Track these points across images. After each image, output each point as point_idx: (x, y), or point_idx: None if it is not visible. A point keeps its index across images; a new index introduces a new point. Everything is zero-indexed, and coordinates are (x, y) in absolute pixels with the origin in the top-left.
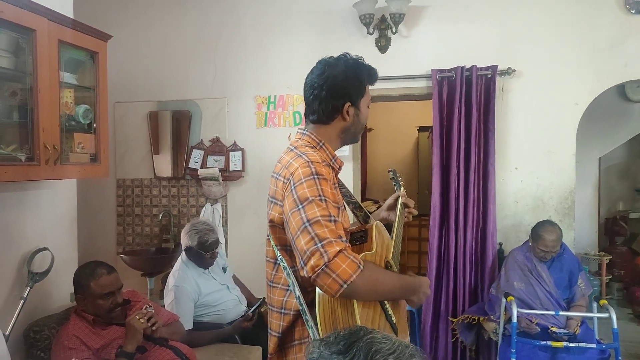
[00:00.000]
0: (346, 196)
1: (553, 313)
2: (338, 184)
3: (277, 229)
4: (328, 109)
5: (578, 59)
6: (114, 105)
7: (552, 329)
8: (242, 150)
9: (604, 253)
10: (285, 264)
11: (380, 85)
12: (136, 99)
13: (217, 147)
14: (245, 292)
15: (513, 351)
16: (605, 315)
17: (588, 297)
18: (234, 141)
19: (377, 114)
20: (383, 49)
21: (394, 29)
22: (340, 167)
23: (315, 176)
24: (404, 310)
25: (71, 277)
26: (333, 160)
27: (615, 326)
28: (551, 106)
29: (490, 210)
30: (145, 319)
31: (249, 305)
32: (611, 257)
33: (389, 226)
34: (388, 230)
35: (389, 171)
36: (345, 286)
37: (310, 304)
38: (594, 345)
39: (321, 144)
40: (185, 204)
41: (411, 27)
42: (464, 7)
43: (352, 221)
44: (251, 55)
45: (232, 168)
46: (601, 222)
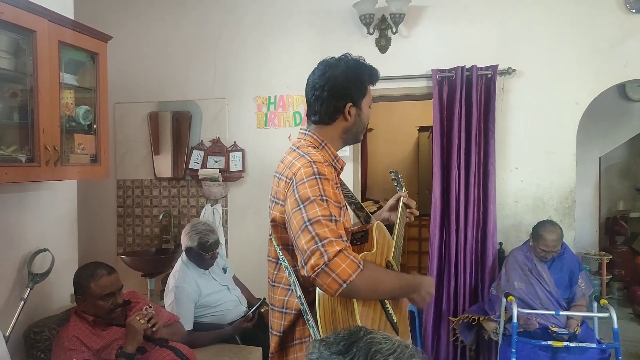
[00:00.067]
0: (348, 196)
1: (553, 313)
2: (340, 184)
3: (279, 228)
4: (330, 110)
5: (578, 58)
6: (114, 106)
7: (552, 329)
8: (242, 150)
9: (604, 253)
10: (286, 264)
11: (380, 85)
12: (136, 99)
13: (217, 148)
14: (245, 292)
15: (513, 351)
16: (606, 315)
17: (588, 297)
18: (234, 142)
19: (378, 114)
20: (383, 49)
21: (394, 29)
22: (342, 168)
23: (317, 176)
24: (405, 309)
25: (71, 278)
26: (335, 161)
27: (615, 326)
28: (551, 106)
29: (491, 210)
30: (146, 319)
31: (249, 306)
32: (611, 257)
33: (390, 227)
34: (389, 230)
35: (391, 172)
36: (345, 286)
37: (311, 304)
38: (594, 345)
39: (323, 144)
40: (185, 205)
41: (411, 27)
42: (464, 7)
43: (353, 221)
44: (251, 55)
45: (232, 168)
46: (601, 222)
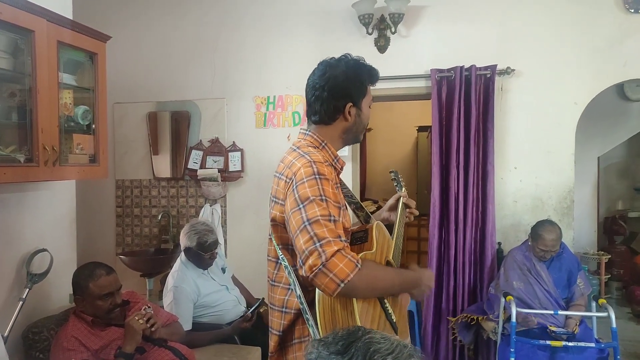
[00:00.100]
0: (348, 196)
1: (552, 312)
2: (340, 184)
3: (279, 227)
4: (330, 110)
5: (577, 58)
6: (113, 106)
7: (551, 328)
8: (241, 150)
9: (603, 252)
10: (286, 263)
11: (379, 85)
12: (135, 99)
13: (216, 148)
14: (244, 292)
15: (512, 350)
16: (604, 315)
17: (587, 297)
18: (233, 142)
19: (376, 114)
20: (382, 48)
21: (393, 29)
22: (342, 167)
23: (317, 176)
24: (404, 309)
25: (70, 278)
26: (335, 160)
27: (614, 325)
28: (550, 105)
29: (490, 210)
30: (144, 319)
31: (248, 306)
32: (610, 256)
33: (390, 226)
34: (389, 230)
35: (391, 172)
36: (343, 285)
37: (310, 303)
38: (593, 345)
39: (323, 144)
40: (184, 205)
41: (410, 27)
42: (463, 7)
43: (353, 221)
44: (250, 55)
45: (231, 168)
46: (600, 222)
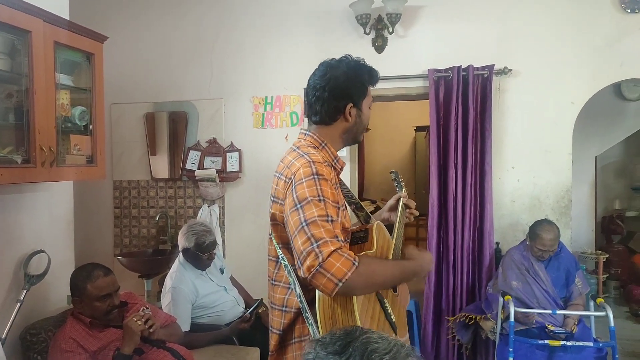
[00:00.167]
0: (348, 196)
1: (550, 312)
2: (340, 184)
3: (279, 227)
4: (330, 110)
5: (574, 58)
6: (110, 107)
7: (549, 328)
8: (239, 151)
9: (600, 251)
10: (286, 262)
11: (377, 85)
12: (132, 100)
13: (214, 148)
14: (242, 293)
15: (511, 350)
16: (602, 314)
17: (585, 296)
18: (231, 142)
19: (374, 114)
20: (380, 49)
21: (390, 29)
22: (342, 168)
23: (316, 176)
24: (403, 308)
25: (68, 280)
26: (335, 161)
27: (612, 324)
28: (547, 105)
29: (487, 210)
30: (143, 320)
31: (247, 307)
32: (608, 256)
33: (390, 227)
34: (389, 230)
35: (391, 172)
36: (341, 284)
37: (310, 302)
38: (591, 344)
39: (323, 144)
40: (182, 205)
41: (407, 27)
42: (460, 7)
43: (353, 221)
44: (248, 56)
45: (229, 169)
46: (598, 221)
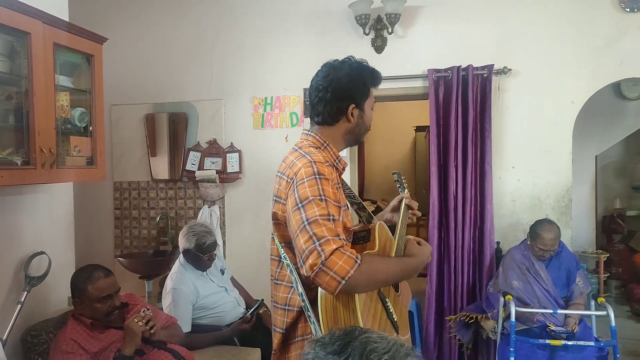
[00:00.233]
0: (350, 197)
1: (551, 311)
2: (342, 184)
3: (281, 226)
4: (333, 111)
5: (574, 57)
6: (110, 108)
7: (550, 327)
8: (239, 151)
9: (601, 251)
10: (288, 261)
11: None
12: (132, 101)
13: (214, 149)
14: (243, 293)
15: (512, 350)
16: (603, 313)
17: (586, 295)
18: (231, 143)
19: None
20: (379, 49)
21: (389, 29)
22: (344, 168)
23: (317, 176)
24: (405, 308)
25: (68, 281)
26: (337, 161)
27: (613, 324)
28: (547, 105)
29: (488, 210)
30: (144, 322)
31: (248, 307)
32: (609, 255)
33: (392, 227)
34: (391, 231)
35: (394, 173)
36: (344, 282)
37: (312, 301)
38: (592, 343)
39: (325, 145)
40: (182, 206)
41: (407, 27)
42: (459, 7)
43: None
44: (248, 56)
45: (229, 170)
46: (598, 220)
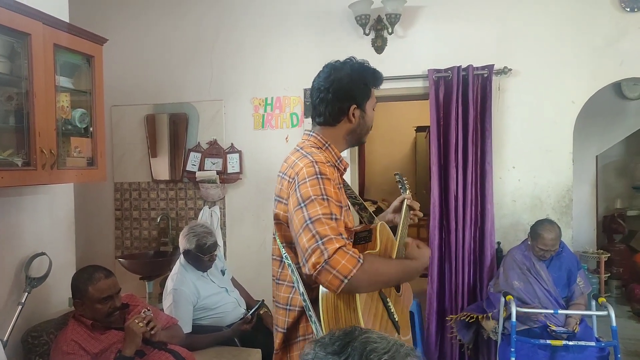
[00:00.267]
0: (351, 197)
1: (552, 311)
2: (343, 184)
3: (283, 226)
4: (334, 111)
5: (574, 57)
6: (111, 109)
7: (551, 328)
8: (239, 152)
9: (602, 251)
10: (289, 261)
11: None
12: (133, 102)
13: (214, 150)
14: (244, 294)
15: (512, 350)
16: (604, 313)
17: (587, 295)
18: (232, 143)
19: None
20: (379, 49)
21: (390, 30)
22: (345, 168)
23: (319, 176)
24: (406, 308)
25: (69, 282)
26: (338, 161)
27: (614, 324)
28: (548, 105)
29: (488, 210)
30: (144, 322)
31: (248, 308)
32: (609, 255)
33: (394, 228)
34: (393, 232)
35: (395, 174)
36: (346, 281)
37: (314, 301)
38: (593, 343)
39: (327, 145)
40: (183, 207)
41: (407, 28)
42: (459, 7)
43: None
44: (248, 57)
45: (229, 170)
46: (599, 220)
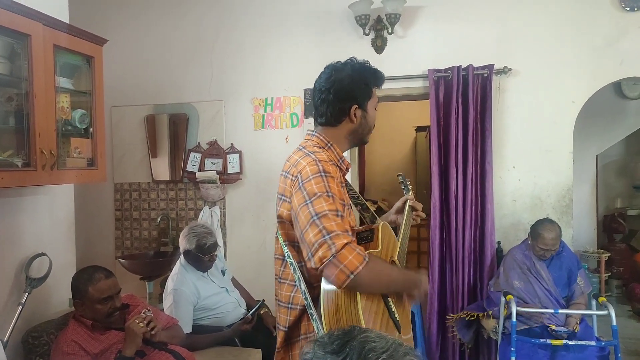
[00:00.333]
0: (353, 197)
1: (552, 311)
2: (345, 184)
3: (285, 225)
4: (336, 112)
5: (574, 57)
6: (111, 110)
7: (551, 327)
8: (239, 152)
9: (602, 250)
10: (291, 260)
11: None
12: (133, 102)
13: (214, 150)
14: (244, 294)
15: (513, 350)
16: (605, 313)
17: (587, 295)
18: (232, 143)
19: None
20: (379, 49)
21: (389, 30)
22: (347, 168)
23: (323, 173)
24: (407, 307)
25: (69, 282)
26: (340, 161)
27: (614, 323)
28: (548, 104)
29: (488, 210)
30: (144, 323)
31: (249, 308)
32: (610, 255)
33: (397, 229)
34: (395, 232)
35: (398, 175)
36: (352, 277)
37: (315, 299)
38: (593, 343)
39: (329, 145)
40: (183, 207)
41: (407, 28)
42: (459, 7)
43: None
44: (248, 57)
45: (229, 170)
46: (599, 220)
